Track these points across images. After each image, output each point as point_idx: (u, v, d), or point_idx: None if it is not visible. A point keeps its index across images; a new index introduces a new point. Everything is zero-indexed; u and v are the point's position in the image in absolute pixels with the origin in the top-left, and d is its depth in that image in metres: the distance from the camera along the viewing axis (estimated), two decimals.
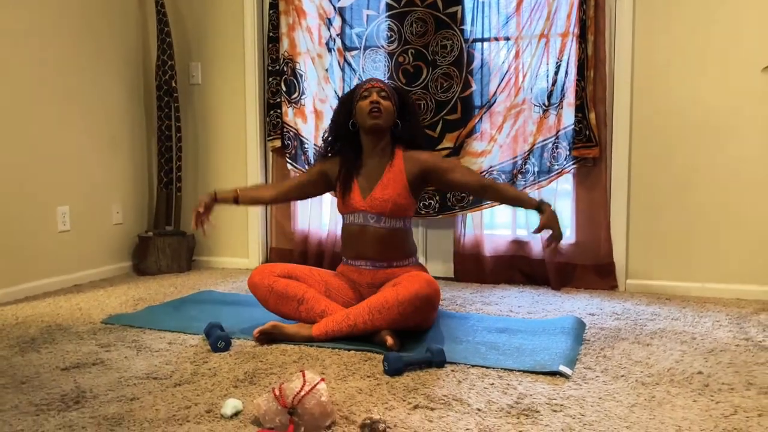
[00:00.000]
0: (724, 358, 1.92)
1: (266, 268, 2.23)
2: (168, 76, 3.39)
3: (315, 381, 1.45)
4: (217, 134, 3.56)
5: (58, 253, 3.03)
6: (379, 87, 2.29)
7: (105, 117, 3.30)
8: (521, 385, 1.70)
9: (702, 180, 2.82)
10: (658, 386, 1.69)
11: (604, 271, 2.96)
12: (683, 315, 2.45)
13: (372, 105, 2.25)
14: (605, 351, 2.00)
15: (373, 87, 2.29)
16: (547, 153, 2.98)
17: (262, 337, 2.06)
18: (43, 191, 2.94)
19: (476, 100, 3.08)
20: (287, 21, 3.32)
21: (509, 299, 2.76)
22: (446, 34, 3.05)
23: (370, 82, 2.32)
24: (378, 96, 2.27)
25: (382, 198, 2.26)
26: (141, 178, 3.58)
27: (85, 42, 3.16)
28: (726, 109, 2.76)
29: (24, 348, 2.05)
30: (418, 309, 2.00)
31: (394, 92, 2.35)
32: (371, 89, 2.29)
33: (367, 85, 2.31)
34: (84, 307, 2.60)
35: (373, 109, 2.25)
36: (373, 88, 2.29)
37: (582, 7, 2.84)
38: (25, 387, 1.70)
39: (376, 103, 2.25)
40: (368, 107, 2.25)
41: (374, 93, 2.28)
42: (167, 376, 1.78)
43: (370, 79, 2.36)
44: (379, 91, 2.28)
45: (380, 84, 2.31)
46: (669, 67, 2.83)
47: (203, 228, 2.38)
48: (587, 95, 2.87)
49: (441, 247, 3.28)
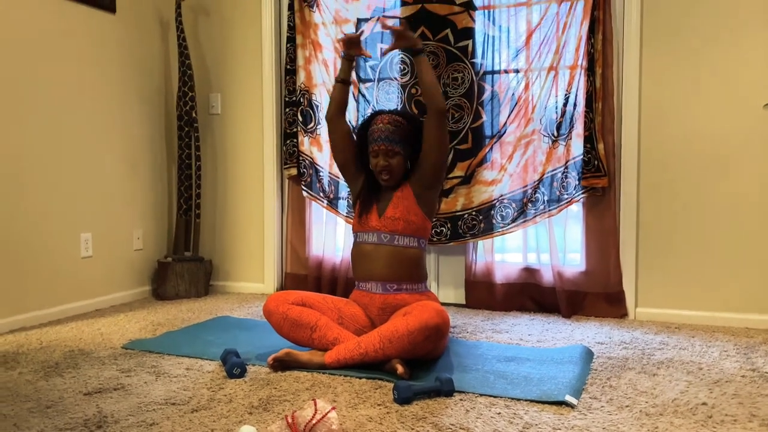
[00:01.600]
0: (729, 389, 1.95)
1: (281, 296, 2.30)
2: (189, 107, 3.51)
3: (326, 409, 1.51)
4: (236, 163, 3.67)
5: (81, 278, 3.13)
6: (385, 149, 2.33)
7: (128, 146, 3.42)
8: (527, 414, 1.75)
9: (710, 209, 2.85)
10: (662, 417, 1.72)
11: (613, 300, 3.00)
12: (691, 344, 2.48)
13: (381, 168, 2.35)
14: (611, 381, 2.04)
15: (380, 150, 2.34)
16: (556, 182, 3.04)
17: (276, 363, 2.13)
18: (68, 218, 3.06)
19: (487, 131, 3.16)
20: (304, 54, 3.43)
21: (519, 327, 2.80)
22: (457, 66, 3.14)
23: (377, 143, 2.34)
24: (385, 159, 2.34)
25: (393, 216, 2.35)
26: (161, 205, 3.69)
27: (110, 73, 3.29)
28: (731, 140, 2.81)
29: (48, 372, 2.13)
30: (428, 339, 2.05)
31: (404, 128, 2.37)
32: (378, 152, 2.35)
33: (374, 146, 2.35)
34: (105, 332, 2.69)
35: (382, 171, 2.36)
36: (380, 150, 2.34)
37: (590, 41, 2.92)
38: (49, 411, 1.78)
39: (386, 166, 2.35)
40: (378, 169, 2.36)
41: (381, 157, 2.35)
42: (185, 401, 1.85)
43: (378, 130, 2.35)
44: (385, 153, 2.34)
45: (386, 145, 2.33)
46: (676, 100, 2.89)
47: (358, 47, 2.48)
48: (596, 126, 2.93)
49: (452, 274, 3.33)
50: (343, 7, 3.36)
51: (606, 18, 2.92)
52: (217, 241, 3.72)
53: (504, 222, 3.11)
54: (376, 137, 2.35)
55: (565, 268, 3.08)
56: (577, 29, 2.97)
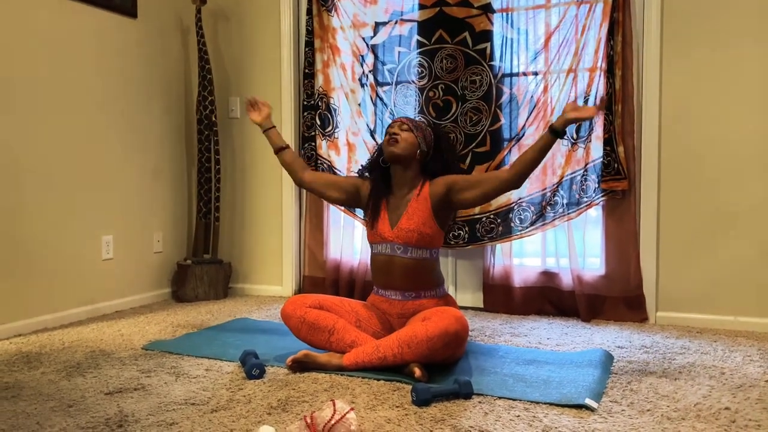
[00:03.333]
0: (753, 393, 1.92)
1: (298, 299, 2.31)
2: (208, 110, 3.54)
3: (345, 410, 1.51)
4: (255, 166, 3.70)
5: (102, 280, 3.17)
6: (400, 121, 2.42)
7: (148, 149, 3.46)
8: (547, 417, 1.73)
9: (732, 212, 2.82)
10: (684, 421, 1.70)
11: (634, 303, 2.97)
12: (713, 349, 2.45)
13: (390, 136, 2.38)
14: (632, 385, 2.01)
15: (395, 122, 2.43)
16: (575, 185, 3.02)
17: (294, 365, 2.13)
18: (89, 221, 3.10)
19: (505, 133, 3.14)
20: (322, 58, 3.45)
21: (538, 331, 2.78)
22: (475, 69, 3.14)
23: (393, 120, 2.47)
24: (398, 128, 2.39)
25: (407, 228, 2.33)
26: (181, 208, 3.72)
27: (131, 77, 3.33)
28: (753, 143, 2.77)
29: (70, 372, 2.16)
30: (447, 345, 2.05)
31: (422, 127, 2.43)
32: (394, 124, 2.42)
33: (391, 122, 2.45)
34: (126, 333, 2.72)
35: (390, 139, 2.37)
36: (394, 123, 2.43)
37: (609, 43, 2.90)
38: (72, 410, 1.80)
39: (394, 134, 2.37)
40: (387, 139, 2.39)
41: (396, 126, 2.40)
42: (204, 402, 1.86)
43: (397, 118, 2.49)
44: (400, 124, 2.41)
45: (402, 119, 2.45)
46: (697, 100, 2.86)
47: (253, 109, 2.61)
48: (615, 129, 2.91)
49: (470, 277, 3.32)
50: (361, 11, 3.38)
51: (625, 20, 2.90)
52: (236, 244, 3.74)
53: (522, 225, 3.10)
54: (394, 119, 2.47)
55: (585, 272, 3.05)
56: (597, 31, 2.95)
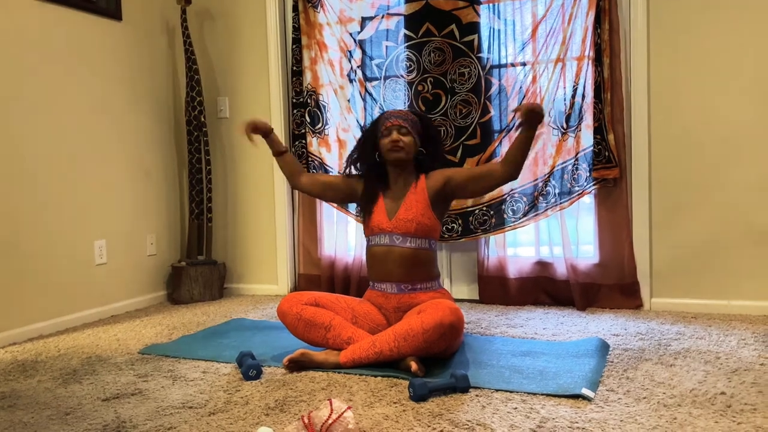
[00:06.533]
0: (748, 377, 1.93)
1: (294, 296, 2.31)
2: (197, 111, 3.52)
3: (342, 409, 1.51)
4: (246, 165, 3.68)
5: (96, 285, 3.16)
6: (398, 125, 2.36)
7: (138, 152, 3.44)
8: (544, 408, 1.74)
9: (724, 196, 2.83)
10: (680, 407, 1.71)
11: (628, 291, 2.98)
12: (708, 334, 2.46)
13: (392, 143, 2.34)
14: (628, 372, 2.02)
15: (393, 126, 2.36)
16: (567, 175, 3.02)
17: (291, 364, 2.13)
18: (81, 226, 3.08)
19: (495, 125, 3.14)
20: (310, 55, 3.44)
21: (534, 321, 2.79)
22: (464, 62, 3.13)
23: (390, 120, 2.38)
24: (398, 134, 2.35)
25: (406, 218, 2.34)
26: (173, 210, 3.71)
27: (118, 80, 3.31)
28: (743, 126, 2.78)
29: (67, 379, 2.15)
30: (443, 337, 2.05)
31: (415, 122, 2.41)
32: (391, 128, 2.36)
33: (387, 123, 2.38)
34: (122, 338, 2.71)
35: (395, 146, 2.34)
36: (393, 126, 2.36)
37: (596, 31, 2.90)
38: (69, 418, 1.79)
39: (397, 141, 2.34)
40: (389, 146, 2.35)
41: (394, 132, 2.36)
42: (202, 405, 1.86)
43: (389, 114, 2.42)
44: (398, 128, 2.36)
45: (399, 121, 2.37)
46: (685, 86, 2.86)
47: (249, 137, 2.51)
48: (605, 117, 2.91)
49: (465, 270, 3.32)
50: (347, 6, 3.36)
51: (612, 7, 2.90)
52: (230, 244, 3.74)
53: (515, 216, 3.10)
54: (388, 116, 2.40)
55: (579, 261, 3.06)
56: (583, 20, 2.95)
